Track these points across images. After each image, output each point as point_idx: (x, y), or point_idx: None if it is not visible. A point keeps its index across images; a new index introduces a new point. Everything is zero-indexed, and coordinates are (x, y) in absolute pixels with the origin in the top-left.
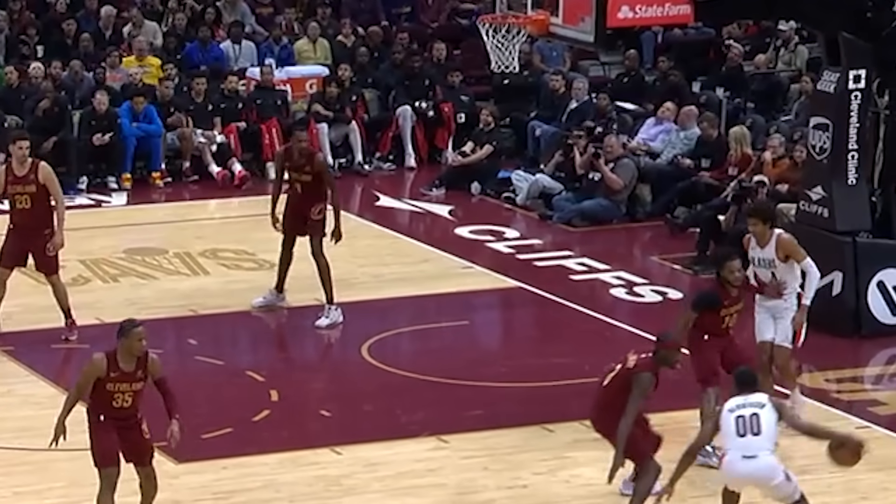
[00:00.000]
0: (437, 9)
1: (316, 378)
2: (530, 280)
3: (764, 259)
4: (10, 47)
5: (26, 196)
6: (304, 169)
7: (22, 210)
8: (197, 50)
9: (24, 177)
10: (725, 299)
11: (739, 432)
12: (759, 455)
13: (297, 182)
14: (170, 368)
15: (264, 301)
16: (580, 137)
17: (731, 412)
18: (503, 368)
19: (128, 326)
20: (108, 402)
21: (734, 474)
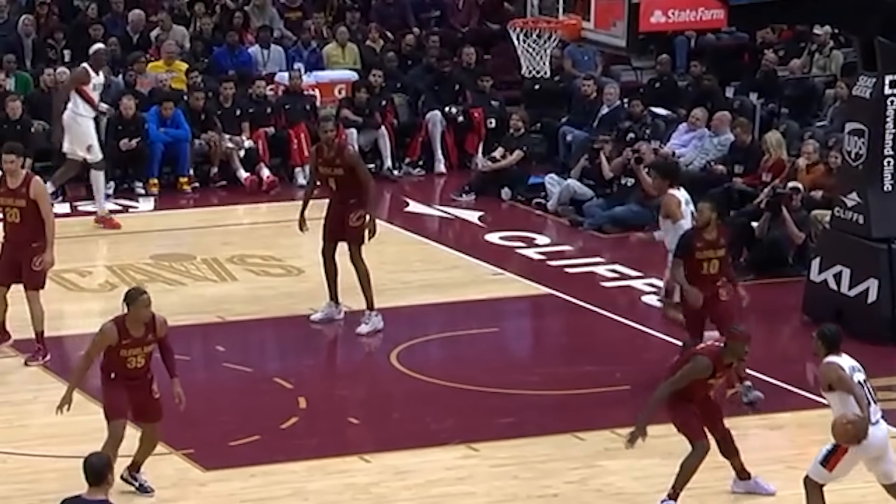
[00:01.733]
0: (466, 13)
1: (344, 385)
2: (561, 287)
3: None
4: (37, 51)
5: (16, 210)
6: (335, 162)
7: (12, 224)
8: (225, 54)
9: (16, 190)
10: (699, 242)
11: (868, 399)
12: (880, 421)
13: (329, 178)
14: (197, 375)
15: (323, 315)
16: (606, 142)
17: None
18: (533, 376)
19: (134, 294)
20: (121, 365)
21: (876, 444)
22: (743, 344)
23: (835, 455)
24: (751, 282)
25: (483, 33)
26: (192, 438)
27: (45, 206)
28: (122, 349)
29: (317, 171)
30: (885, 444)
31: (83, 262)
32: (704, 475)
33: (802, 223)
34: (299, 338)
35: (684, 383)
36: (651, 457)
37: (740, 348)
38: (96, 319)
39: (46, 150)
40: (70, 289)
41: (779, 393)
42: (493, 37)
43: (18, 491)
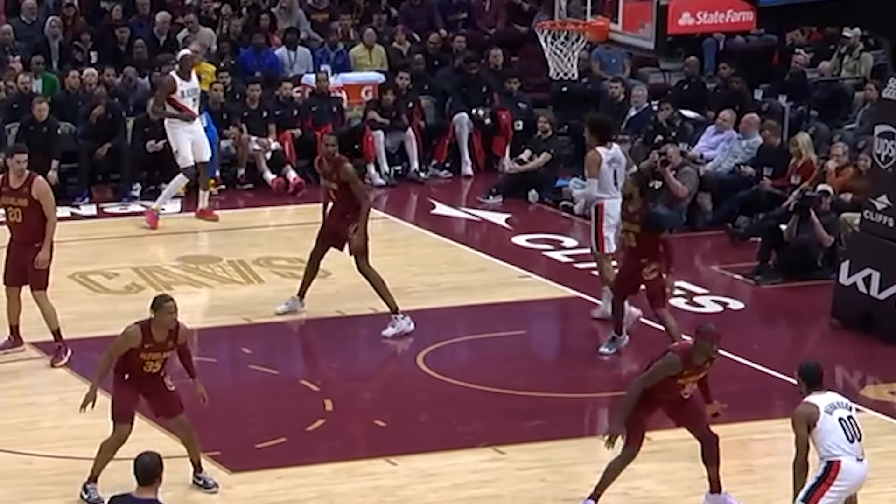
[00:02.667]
0: (494, 14)
1: (371, 388)
2: (588, 289)
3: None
4: (64, 53)
5: (18, 209)
6: (332, 176)
7: (14, 223)
8: (252, 56)
9: (18, 190)
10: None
11: (849, 437)
12: (864, 459)
13: (328, 189)
14: (223, 377)
15: (286, 307)
16: (626, 142)
17: (831, 414)
18: (561, 379)
19: (160, 301)
20: (138, 368)
21: (855, 478)
22: (711, 342)
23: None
24: (779, 285)
25: (510, 35)
26: (217, 441)
27: (48, 205)
28: (142, 352)
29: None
30: (863, 481)
31: (109, 264)
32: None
33: (831, 226)
34: (326, 340)
35: (655, 380)
36: (678, 460)
37: (709, 347)
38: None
39: (73, 152)
40: (96, 290)
41: None
42: (520, 38)
43: (43, 493)
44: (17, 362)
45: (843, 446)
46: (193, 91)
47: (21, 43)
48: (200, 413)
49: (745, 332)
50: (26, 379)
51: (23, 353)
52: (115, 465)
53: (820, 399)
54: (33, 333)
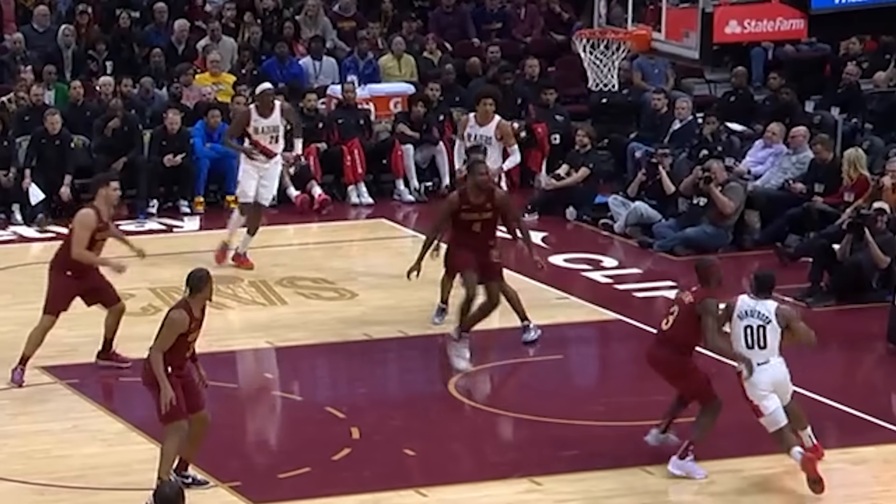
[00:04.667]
0: (530, 23)
1: (400, 415)
2: (629, 312)
3: (482, 135)
4: (78, 63)
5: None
6: (485, 206)
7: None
8: (274, 66)
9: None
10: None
11: (748, 344)
12: (770, 360)
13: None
14: (245, 403)
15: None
16: (665, 156)
17: (742, 319)
18: (600, 406)
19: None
20: (181, 354)
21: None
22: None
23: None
24: (832, 308)
25: (547, 44)
26: (238, 470)
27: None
28: (189, 334)
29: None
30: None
31: (125, 285)
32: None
33: (887, 246)
34: (352, 364)
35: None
36: (723, 493)
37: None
38: (138, 344)
39: (87, 166)
40: None
41: (862, 426)
42: (557, 48)
43: None
44: (27, 388)
45: (742, 351)
46: (272, 129)
47: (33, 52)
48: (220, 440)
49: (795, 357)
50: (37, 405)
51: (34, 378)
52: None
53: (743, 301)
54: (45, 357)
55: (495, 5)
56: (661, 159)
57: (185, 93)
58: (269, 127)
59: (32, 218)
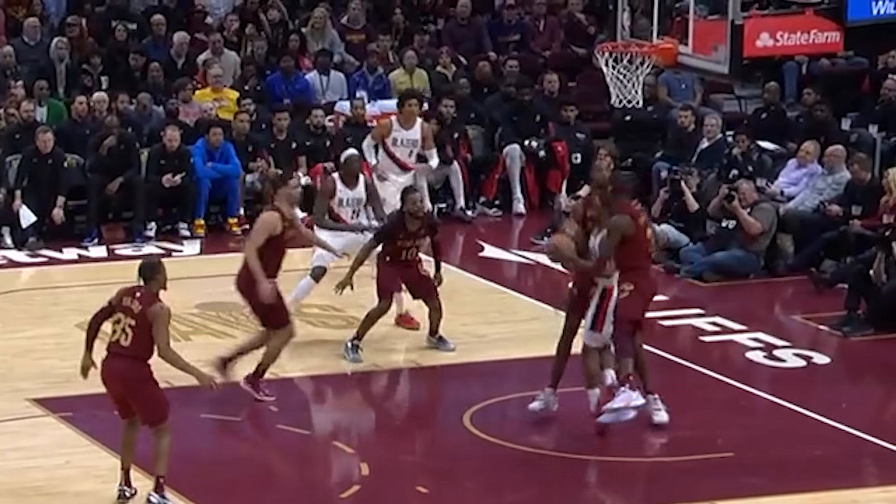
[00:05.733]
0: (549, 35)
1: (412, 450)
2: (655, 341)
3: (407, 139)
4: (72, 78)
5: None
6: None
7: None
8: (279, 81)
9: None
10: (401, 232)
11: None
12: None
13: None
14: (248, 438)
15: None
16: (690, 174)
17: None
18: (623, 441)
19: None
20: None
21: None
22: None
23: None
24: (870, 337)
25: (568, 58)
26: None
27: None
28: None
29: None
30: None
31: None
32: None
33: None
34: (361, 396)
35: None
36: None
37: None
38: None
39: (81, 187)
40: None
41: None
42: (579, 62)
43: None
44: (17, 421)
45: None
46: (356, 202)
47: (24, 66)
48: (222, 477)
49: (832, 390)
50: (28, 440)
51: (24, 411)
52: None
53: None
54: (35, 390)
55: (513, 17)
56: (684, 176)
57: (185, 109)
58: (354, 199)
59: (23, 241)
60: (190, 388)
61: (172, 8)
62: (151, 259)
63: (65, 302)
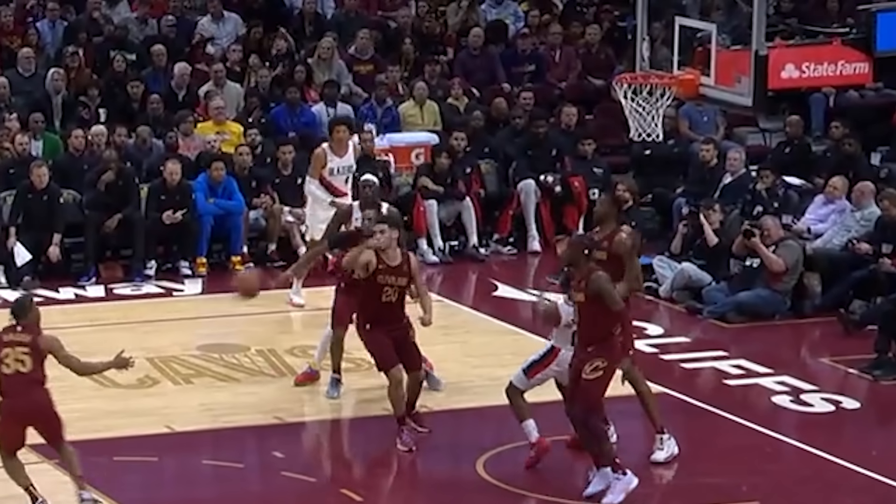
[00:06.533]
0: (566, 66)
1: (422, 498)
2: (676, 384)
3: (343, 167)
4: (68, 110)
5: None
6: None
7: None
8: (284, 114)
9: (398, 267)
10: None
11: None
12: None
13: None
14: (251, 485)
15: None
16: (710, 208)
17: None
18: (646, 489)
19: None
20: None
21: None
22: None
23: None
24: None
25: (585, 90)
26: None
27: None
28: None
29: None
30: None
31: None
32: None
33: None
34: (370, 442)
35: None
36: None
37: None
38: (135, 420)
39: (78, 224)
40: (104, 385)
41: None
42: (596, 94)
43: None
44: None
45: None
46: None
47: (18, 98)
48: None
49: (862, 436)
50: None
51: None
52: None
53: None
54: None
55: (527, 46)
56: (703, 210)
57: (186, 142)
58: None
59: (18, 281)
60: (193, 433)
61: (173, 38)
62: (23, 299)
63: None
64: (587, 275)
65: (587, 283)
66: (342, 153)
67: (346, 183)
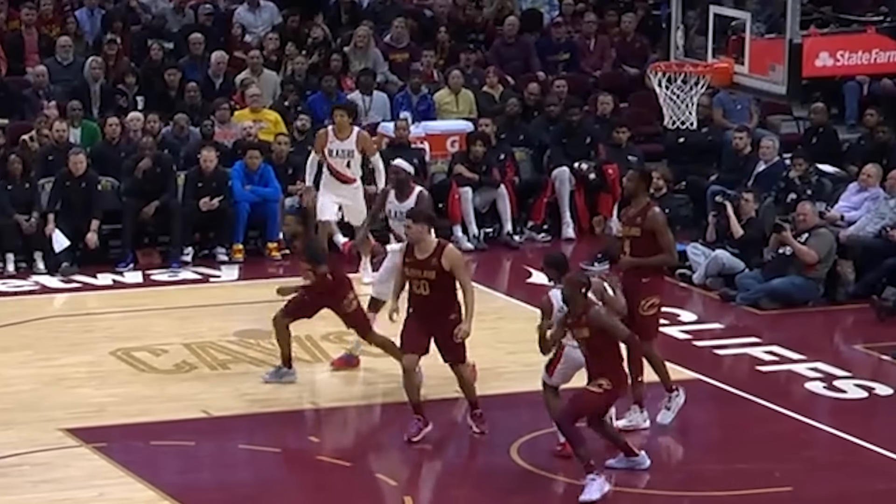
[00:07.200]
0: (600, 55)
1: (457, 483)
2: (710, 371)
3: (342, 150)
4: (106, 98)
5: (424, 282)
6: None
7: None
8: (321, 102)
9: (425, 261)
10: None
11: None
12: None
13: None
14: (287, 470)
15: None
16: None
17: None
18: (678, 474)
19: None
20: None
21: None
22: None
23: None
24: None
25: (619, 78)
26: None
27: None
28: None
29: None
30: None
31: (157, 340)
32: None
33: None
34: (405, 427)
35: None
36: None
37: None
38: (172, 405)
39: (116, 211)
40: (142, 370)
41: None
42: (630, 82)
43: None
44: (49, 452)
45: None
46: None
47: (57, 86)
48: None
49: (895, 422)
50: (60, 471)
51: (57, 441)
52: None
53: (559, 295)
54: (67, 419)
55: (562, 35)
56: (726, 200)
57: (222, 130)
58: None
59: (56, 266)
60: (229, 418)
61: (210, 26)
62: None
63: (99, 329)
64: (586, 310)
65: (587, 319)
66: (342, 137)
67: (349, 167)
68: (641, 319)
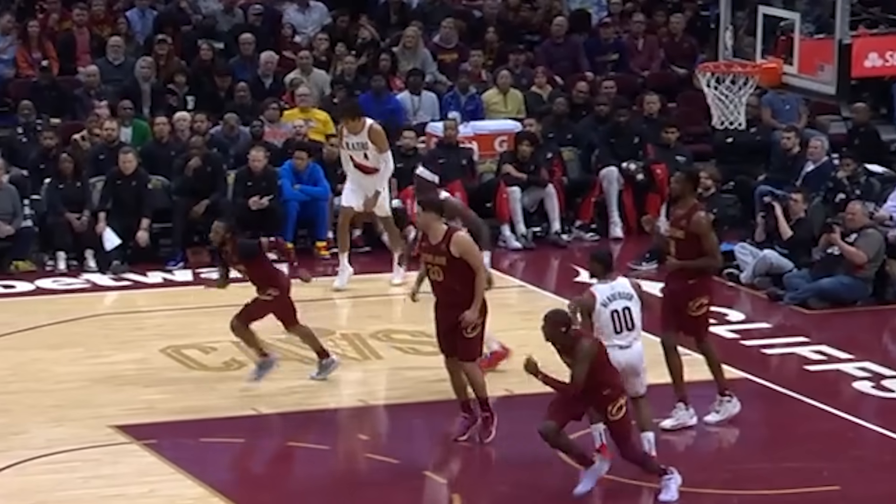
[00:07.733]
0: (648, 55)
1: (505, 480)
2: (757, 370)
3: (356, 143)
4: (157, 98)
5: (437, 268)
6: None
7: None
8: (370, 101)
9: (436, 246)
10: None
11: (616, 329)
12: (633, 344)
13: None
14: (337, 467)
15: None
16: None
17: (606, 307)
18: (725, 473)
19: None
20: None
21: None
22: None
23: None
24: None
25: (668, 78)
26: None
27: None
28: None
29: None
30: (636, 364)
31: (206, 337)
32: None
33: None
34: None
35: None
36: None
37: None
38: (221, 402)
39: (166, 209)
40: (191, 367)
41: None
42: (679, 82)
43: None
44: (99, 448)
45: (608, 336)
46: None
47: (108, 86)
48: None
49: None
50: (110, 468)
51: (107, 438)
52: None
53: (602, 289)
54: (118, 416)
55: (610, 35)
56: (773, 201)
57: (272, 130)
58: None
59: (107, 265)
60: (278, 415)
61: (260, 26)
62: None
63: (148, 327)
64: (572, 346)
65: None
66: (355, 130)
67: (367, 159)
68: (691, 320)
